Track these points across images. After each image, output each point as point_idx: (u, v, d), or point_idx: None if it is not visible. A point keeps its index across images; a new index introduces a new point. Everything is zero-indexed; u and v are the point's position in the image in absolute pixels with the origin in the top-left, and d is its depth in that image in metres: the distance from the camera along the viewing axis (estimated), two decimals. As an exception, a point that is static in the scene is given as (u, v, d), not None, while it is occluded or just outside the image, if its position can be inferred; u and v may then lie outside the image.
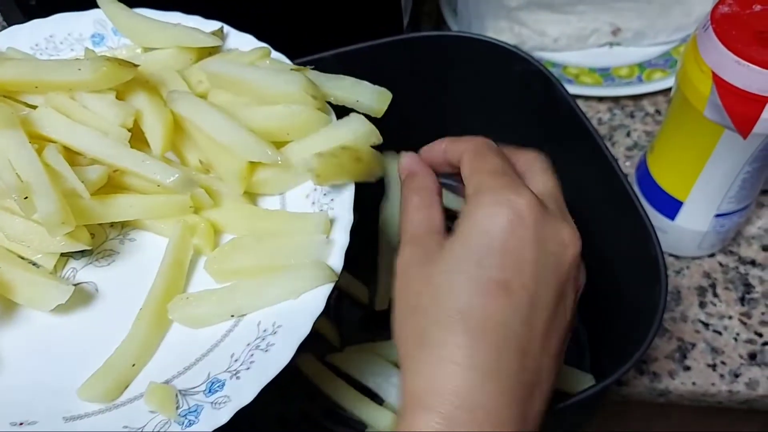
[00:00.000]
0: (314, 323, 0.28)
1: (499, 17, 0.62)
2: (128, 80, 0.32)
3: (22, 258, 0.32)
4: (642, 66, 0.60)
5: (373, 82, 0.47)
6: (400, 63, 0.46)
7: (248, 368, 0.27)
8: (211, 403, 0.27)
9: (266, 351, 0.27)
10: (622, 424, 0.54)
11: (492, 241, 0.25)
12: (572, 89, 0.59)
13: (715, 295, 0.49)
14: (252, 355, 0.28)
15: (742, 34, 0.37)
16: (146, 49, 0.38)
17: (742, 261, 0.50)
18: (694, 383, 0.45)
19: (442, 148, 0.31)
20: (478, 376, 0.24)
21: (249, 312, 0.29)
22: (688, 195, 0.45)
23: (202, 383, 0.28)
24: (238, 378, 0.27)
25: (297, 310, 0.28)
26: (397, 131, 0.51)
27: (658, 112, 0.59)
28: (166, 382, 0.28)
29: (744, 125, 0.38)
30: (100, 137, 0.32)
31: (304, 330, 0.27)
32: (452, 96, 0.48)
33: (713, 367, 0.46)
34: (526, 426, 0.25)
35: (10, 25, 0.50)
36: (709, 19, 0.38)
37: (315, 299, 0.28)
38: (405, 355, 0.26)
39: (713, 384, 0.45)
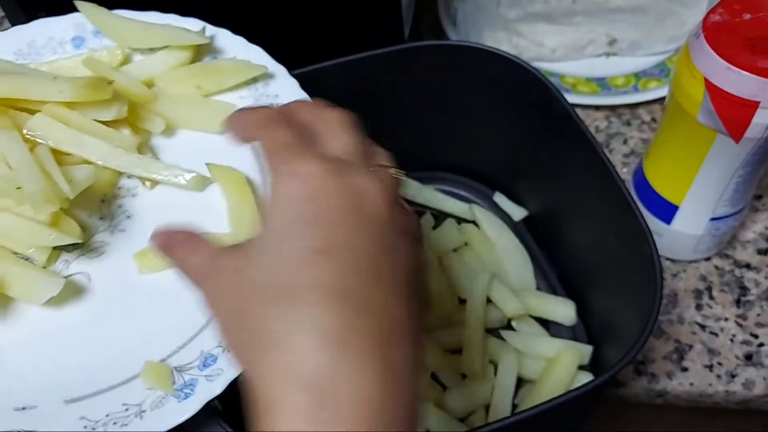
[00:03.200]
0: None
1: (497, 28, 0.64)
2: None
3: (15, 253, 0.33)
4: (638, 75, 0.62)
5: (375, 90, 0.48)
6: (400, 72, 0.47)
7: None
8: (206, 376, 0.28)
9: None
10: (620, 425, 0.54)
11: (294, 215, 0.24)
12: (570, 98, 0.60)
13: (711, 297, 0.49)
14: None
15: (733, 42, 0.38)
16: (126, 52, 0.38)
17: (738, 264, 0.51)
18: (691, 384, 0.46)
19: (233, 122, 0.29)
20: (329, 347, 0.22)
21: None
22: (683, 199, 0.46)
23: (195, 359, 0.29)
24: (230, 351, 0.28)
25: None
26: (398, 138, 0.52)
27: (653, 120, 0.60)
28: (162, 361, 0.30)
29: (736, 130, 0.40)
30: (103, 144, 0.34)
31: None
32: (451, 104, 0.50)
33: (710, 368, 0.46)
34: (391, 373, 0.23)
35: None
36: (701, 27, 0.39)
37: None
38: (247, 362, 0.24)
39: (710, 384, 0.46)
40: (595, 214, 0.45)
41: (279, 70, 0.38)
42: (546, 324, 0.48)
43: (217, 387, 0.28)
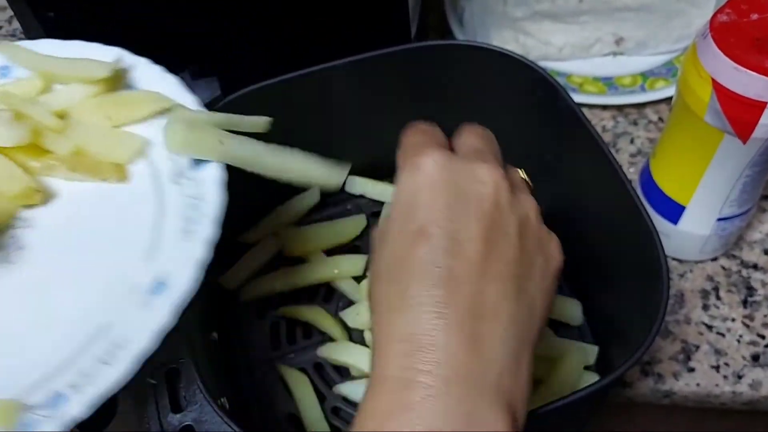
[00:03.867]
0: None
1: (504, 27, 0.64)
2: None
3: None
4: (645, 75, 0.62)
5: (380, 90, 0.48)
6: (406, 71, 0.47)
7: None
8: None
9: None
10: (626, 425, 0.54)
11: (408, 199, 0.28)
12: (577, 98, 0.60)
13: (718, 298, 0.49)
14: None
15: (741, 42, 0.38)
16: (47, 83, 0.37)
17: (745, 265, 0.51)
18: (698, 384, 0.46)
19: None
20: (426, 315, 0.25)
21: None
22: (690, 199, 0.46)
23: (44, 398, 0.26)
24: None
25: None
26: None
27: (661, 119, 0.60)
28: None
29: (743, 130, 0.40)
30: None
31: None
32: (457, 103, 0.49)
33: (717, 368, 0.46)
34: (478, 346, 0.25)
35: (30, 38, 0.52)
36: (708, 27, 0.39)
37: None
38: (374, 320, 0.28)
39: (717, 385, 0.46)
40: (601, 214, 0.45)
41: (190, 100, 0.36)
42: (552, 323, 0.48)
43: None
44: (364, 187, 0.52)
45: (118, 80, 0.37)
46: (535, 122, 0.47)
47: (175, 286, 0.29)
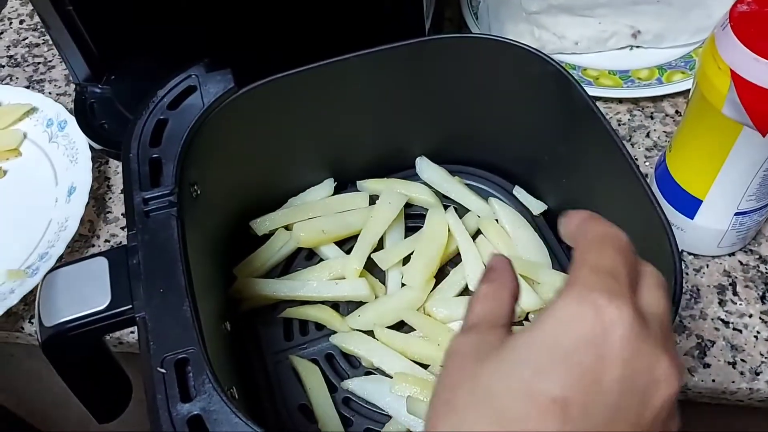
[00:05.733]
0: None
1: (519, 21, 0.63)
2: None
3: None
4: (662, 68, 0.61)
5: (395, 83, 0.48)
6: (421, 65, 0.47)
7: None
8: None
9: None
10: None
11: (561, 349, 0.21)
12: (592, 91, 0.59)
13: (735, 293, 0.49)
14: None
15: (761, 32, 0.37)
16: None
17: (763, 260, 0.50)
18: (713, 380, 0.45)
19: (575, 222, 0.27)
20: None
21: None
22: (707, 193, 0.46)
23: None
24: None
25: None
26: (418, 131, 0.52)
27: (677, 113, 0.59)
28: None
29: (763, 122, 0.39)
30: None
31: None
32: (472, 97, 0.49)
33: (733, 364, 0.46)
34: None
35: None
36: (728, 18, 0.39)
37: None
38: None
39: (733, 381, 0.45)
40: (614, 208, 0.43)
41: (43, 101, 0.62)
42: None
43: None
44: (375, 186, 0.52)
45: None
46: (549, 116, 0.47)
47: (81, 186, 0.55)
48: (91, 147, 0.58)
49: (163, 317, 0.33)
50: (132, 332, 0.50)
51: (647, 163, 0.56)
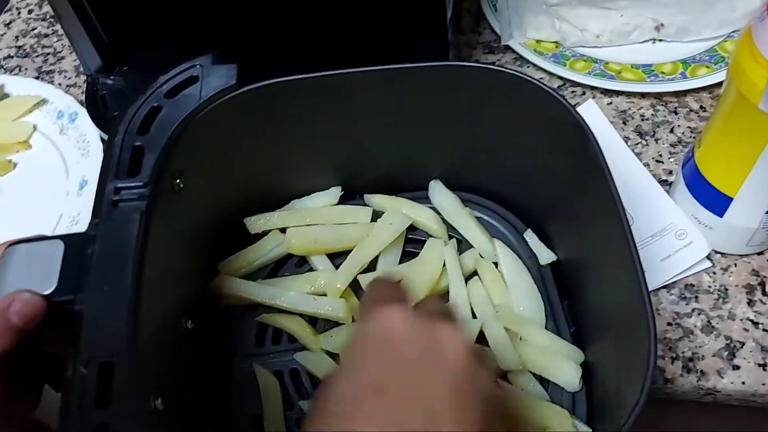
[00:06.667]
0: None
1: (539, 13, 0.62)
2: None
3: None
4: (686, 62, 0.60)
5: (413, 102, 0.45)
6: (441, 88, 0.44)
7: None
8: None
9: None
10: (662, 422, 0.53)
11: (361, 351, 0.27)
12: (615, 86, 0.58)
13: (765, 293, 0.48)
14: None
15: (801, 25, 0.36)
16: None
17: (792, 259, 0.49)
18: (743, 382, 0.44)
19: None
20: None
21: None
22: (738, 191, 0.44)
23: None
24: None
25: None
26: (436, 153, 0.50)
27: (702, 108, 0.58)
28: None
29: (801, 118, 0.38)
30: None
31: None
32: (492, 128, 0.46)
33: (763, 366, 0.45)
34: None
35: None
36: (765, 9, 0.37)
37: None
38: None
39: (763, 384, 0.44)
40: (610, 276, 0.41)
41: (53, 93, 0.62)
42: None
43: None
44: (382, 202, 0.50)
45: None
46: (565, 164, 0.44)
47: (93, 179, 0.51)
48: (102, 139, 0.57)
49: (101, 316, 0.31)
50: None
51: (672, 160, 0.55)
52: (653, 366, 0.32)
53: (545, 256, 0.48)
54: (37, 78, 0.66)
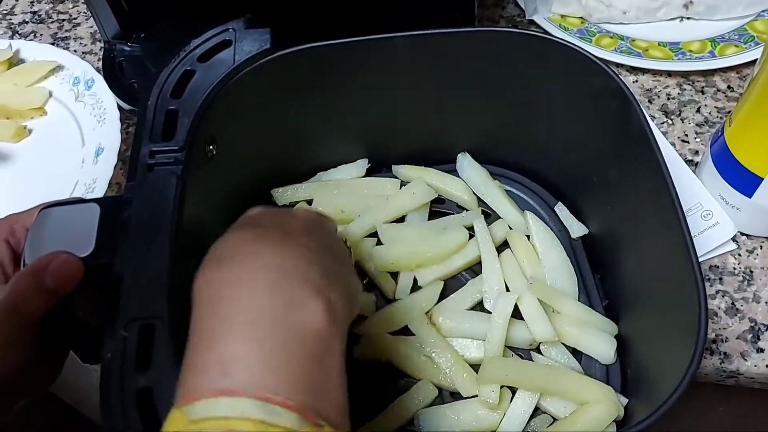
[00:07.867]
0: None
1: (566, -13, 0.61)
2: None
3: None
4: (714, 41, 0.58)
5: (442, 70, 0.45)
6: (471, 55, 0.43)
7: None
8: None
9: None
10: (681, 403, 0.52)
11: (233, 229, 0.31)
12: (641, 63, 0.57)
13: (791, 276, 0.47)
14: None
15: None
16: None
17: (819, 243, 0.48)
18: (767, 366, 0.44)
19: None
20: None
21: None
22: (769, 171, 0.44)
23: None
24: None
25: None
26: (465, 125, 0.49)
27: (730, 88, 0.57)
28: None
29: (842, 97, 0.37)
30: None
31: None
32: (524, 97, 0.45)
33: (788, 349, 0.44)
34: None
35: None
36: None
37: None
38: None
39: (787, 367, 0.44)
40: (651, 248, 0.40)
41: (69, 59, 0.60)
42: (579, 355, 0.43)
43: None
44: (410, 173, 0.49)
45: (14, 59, 0.61)
46: (603, 134, 0.43)
47: (109, 147, 0.53)
48: (119, 107, 0.56)
49: (140, 279, 0.31)
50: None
51: (698, 140, 0.54)
52: (704, 337, 0.32)
53: (576, 228, 0.47)
54: (52, 44, 0.65)
